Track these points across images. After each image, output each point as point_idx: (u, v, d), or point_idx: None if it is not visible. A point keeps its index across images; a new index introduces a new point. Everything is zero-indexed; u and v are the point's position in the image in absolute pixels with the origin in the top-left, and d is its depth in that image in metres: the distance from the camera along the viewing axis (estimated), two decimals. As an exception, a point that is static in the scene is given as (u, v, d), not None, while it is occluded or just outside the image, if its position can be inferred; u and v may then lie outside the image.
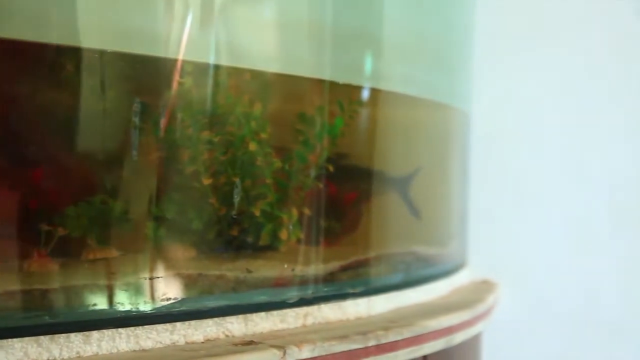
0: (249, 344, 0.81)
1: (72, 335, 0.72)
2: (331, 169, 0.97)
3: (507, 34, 1.76)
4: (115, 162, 0.77)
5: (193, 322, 0.81)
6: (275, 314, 0.89)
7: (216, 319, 0.83)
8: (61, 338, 0.71)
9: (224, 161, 0.86)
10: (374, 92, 1.07)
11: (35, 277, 0.71)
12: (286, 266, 0.93)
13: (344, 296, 0.98)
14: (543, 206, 1.91)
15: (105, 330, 0.74)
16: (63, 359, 0.71)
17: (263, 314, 0.88)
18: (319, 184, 0.96)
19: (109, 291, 0.76)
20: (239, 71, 0.89)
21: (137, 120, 0.77)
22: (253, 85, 0.91)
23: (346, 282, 1.00)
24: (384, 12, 1.08)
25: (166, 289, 0.80)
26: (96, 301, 0.75)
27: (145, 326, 0.77)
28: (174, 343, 0.79)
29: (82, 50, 0.74)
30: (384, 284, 1.06)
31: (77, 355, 0.72)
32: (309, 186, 0.95)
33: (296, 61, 0.96)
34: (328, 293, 0.97)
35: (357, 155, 1.06)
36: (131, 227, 0.78)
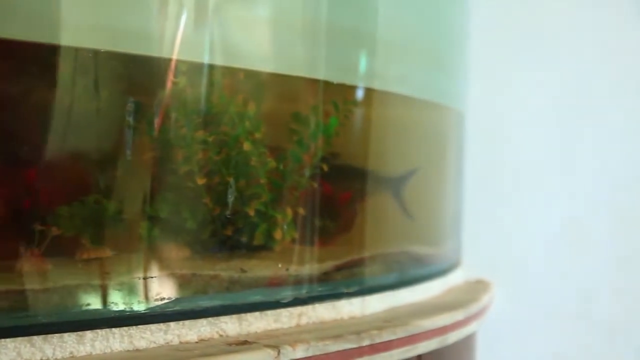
0: (243, 343, 0.81)
1: (66, 335, 0.72)
2: (326, 168, 0.97)
3: (503, 33, 1.76)
4: (109, 161, 0.77)
5: (187, 322, 0.81)
6: (270, 313, 0.89)
7: (210, 319, 0.83)
8: (54, 338, 0.71)
9: (218, 161, 0.86)
10: (369, 91, 1.07)
11: (28, 277, 0.71)
12: (280, 266, 0.93)
13: (338, 296, 0.98)
14: (538, 206, 1.91)
15: (98, 330, 0.74)
16: (56, 359, 0.71)
17: (257, 313, 0.88)
18: (314, 184, 0.96)
19: (102, 291, 0.76)
20: (233, 71, 0.89)
21: (130, 120, 0.77)
22: (247, 85, 0.91)
23: (340, 282, 1.00)
24: (379, 11, 1.08)
25: (160, 288, 0.80)
26: (90, 301, 0.75)
27: (139, 326, 0.77)
28: (167, 343, 0.79)
29: (75, 49, 0.74)
30: (378, 283, 1.06)
31: (71, 356, 0.72)
32: (303, 186, 0.95)
33: (290, 61, 0.96)
34: (322, 293, 0.97)
35: (351, 155, 1.06)
36: (125, 226, 0.78)
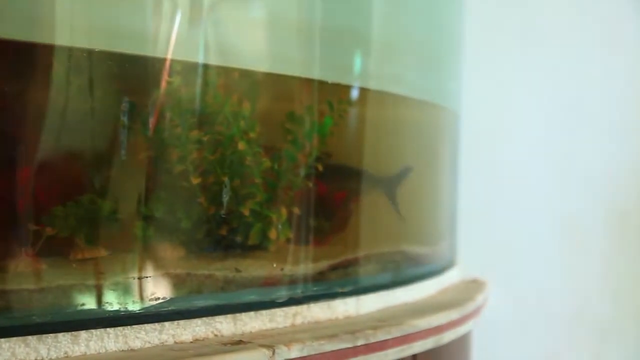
0: (238, 343, 0.81)
1: (60, 335, 0.71)
2: (320, 168, 0.97)
3: (498, 33, 1.76)
4: (104, 161, 0.77)
5: (182, 322, 0.81)
6: (265, 313, 0.89)
7: (205, 319, 0.83)
8: (49, 338, 0.71)
9: (213, 160, 0.86)
10: (363, 91, 1.07)
11: (23, 277, 0.71)
12: (275, 265, 0.93)
13: (333, 295, 0.98)
14: (533, 206, 1.92)
15: (93, 330, 0.74)
16: (51, 359, 0.71)
17: (252, 313, 0.88)
18: (308, 184, 0.96)
19: (97, 291, 0.76)
20: (228, 70, 0.89)
21: (125, 120, 0.77)
22: (242, 85, 0.91)
23: (335, 282, 1.00)
24: (373, 11, 1.08)
25: (155, 288, 0.80)
26: (84, 301, 0.74)
27: (133, 326, 0.77)
28: (162, 343, 0.79)
29: (70, 49, 0.74)
30: (373, 283, 1.07)
31: (65, 355, 0.72)
32: (298, 185, 0.95)
33: (285, 60, 0.96)
34: (317, 292, 0.97)
35: (346, 155, 1.06)
36: (120, 226, 0.78)
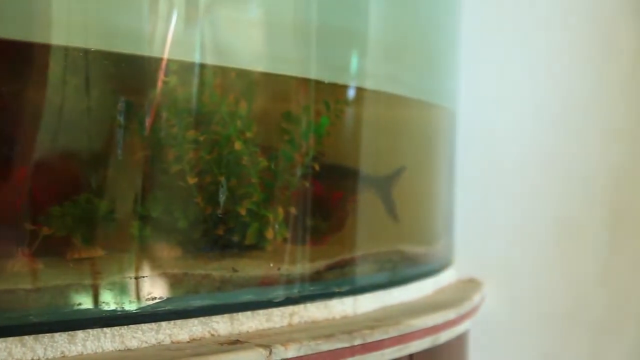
0: (235, 343, 0.81)
1: (57, 335, 0.71)
2: (317, 168, 0.97)
3: (494, 32, 1.77)
4: (101, 161, 0.77)
5: (179, 322, 0.81)
6: (261, 313, 0.89)
7: (202, 318, 0.83)
8: (45, 338, 0.71)
9: (210, 160, 0.86)
10: (360, 91, 1.07)
11: (19, 277, 0.71)
12: (272, 265, 0.93)
13: (330, 295, 0.98)
14: (530, 206, 1.92)
15: (90, 330, 0.74)
16: (48, 358, 0.71)
17: (249, 313, 0.88)
18: (305, 183, 0.96)
19: (94, 291, 0.76)
20: (225, 70, 0.89)
21: (122, 119, 0.77)
22: (238, 84, 0.91)
23: (332, 281, 1.00)
24: (370, 11, 1.08)
25: (151, 288, 0.80)
26: (81, 301, 0.74)
27: (130, 326, 0.77)
28: (159, 342, 0.79)
29: (65, 48, 0.74)
30: (370, 283, 1.07)
31: (62, 355, 0.72)
32: (294, 185, 0.95)
33: (282, 60, 0.96)
34: (314, 292, 0.97)
35: (342, 155, 1.06)
36: (116, 226, 0.78)
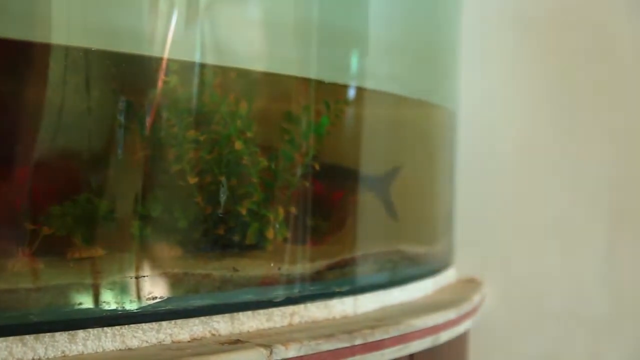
0: (236, 342, 0.81)
1: (58, 334, 0.71)
2: (317, 167, 0.97)
3: (495, 32, 1.77)
4: (101, 160, 0.77)
5: (179, 321, 0.81)
6: (262, 312, 0.89)
7: (202, 318, 0.83)
8: (46, 337, 0.71)
9: (210, 160, 0.86)
10: (360, 90, 1.07)
11: (20, 276, 0.71)
12: (272, 265, 0.93)
13: (330, 295, 0.98)
14: (530, 205, 1.92)
15: (91, 330, 0.74)
16: (48, 358, 0.71)
17: (249, 312, 0.88)
18: (305, 183, 0.96)
19: (94, 290, 0.76)
20: (225, 70, 0.89)
21: (122, 119, 0.77)
22: (239, 84, 0.91)
23: (332, 281, 1.00)
24: (370, 11, 1.08)
25: (152, 288, 0.80)
26: (82, 300, 0.74)
27: (131, 325, 0.77)
28: (160, 342, 0.79)
29: (66, 48, 0.74)
30: (370, 282, 1.07)
31: (63, 355, 0.72)
32: (295, 185, 0.95)
33: (282, 60, 0.96)
34: (314, 292, 0.97)
35: (343, 155, 1.06)
36: (117, 225, 0.78)
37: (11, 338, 0.68)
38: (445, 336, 1.09)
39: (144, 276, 0.79)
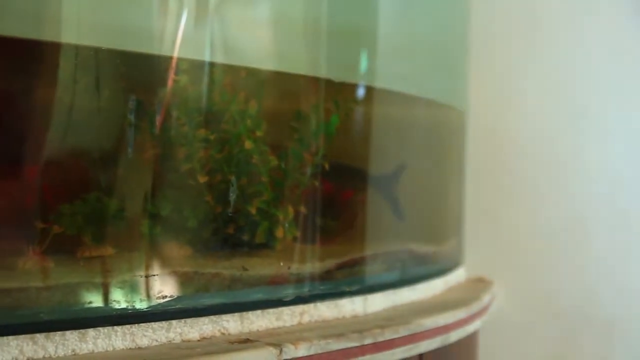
0: (245, 342, 0.81)
1: (68, 332, 0.71)
2: (327, 167, 0.97)
3: (503, 31, 1.76)
4: (111, 159, 0.77)
5: (189, 320, 0.81)
6: (272, 312, 0.89)
7: (212, 317, 0.83)
8: (57, 336, 0.71)
9: (220, 159, 0.86)
10: (370, 90, 1.07)
11: (30, 275, 0.71)
12: (282, 264, 0.92)
13: (340, 294, 0.98)
14: (539, 205, 1.91)
15: (101, 328, 0.74)
16: (59, 356, 0.71)
17: (259, 312, 0.88)
18: (315, 182, 0.96)
19: (104, 289, 0.76)
20: (234, 69, 0.89)
21: (132, 118, 0.77)
22: (248, 83, 0.91)
23: (342, 281, 1.00)
24: (379, 11, 1.08)
25: (162, 286, 0.80)
26: (92, 299, 0.75)
27: (141, 324, 0.77)
28: (170, 341, 0.79)
29: (76, 47, 0.74)
30: (380, 282, 1.06)
31: (73, 353, 0.72)
32: (304, 184, 0.95)
33: (292, 59, 0.96)
34: (324, 291, 0.97)
35: (352, 154, 1.06)
36: (126, 224, 0.78)
37: (22, 336, 0.69)
38: (455, 336, 1.09)
39: (153, 275, 0.79)
